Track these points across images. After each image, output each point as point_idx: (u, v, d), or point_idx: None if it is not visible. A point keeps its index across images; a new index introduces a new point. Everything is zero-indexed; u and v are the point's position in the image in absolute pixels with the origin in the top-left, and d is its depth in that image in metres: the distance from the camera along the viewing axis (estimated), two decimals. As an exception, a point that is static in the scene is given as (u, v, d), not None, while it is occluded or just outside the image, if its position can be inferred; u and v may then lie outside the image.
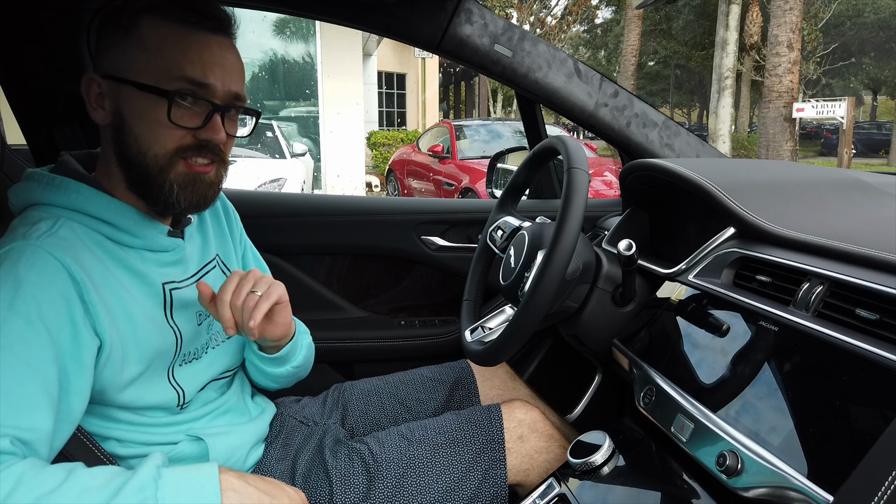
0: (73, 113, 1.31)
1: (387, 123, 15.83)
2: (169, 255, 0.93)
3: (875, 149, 21.38)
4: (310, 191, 7.93)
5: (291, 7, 1.38)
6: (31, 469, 0.68)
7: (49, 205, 0.86)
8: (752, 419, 0.77)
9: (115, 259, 0.86)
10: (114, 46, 0.85)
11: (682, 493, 0.88)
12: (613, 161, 7.30)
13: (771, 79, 10.74)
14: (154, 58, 0.83)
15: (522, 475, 1.09)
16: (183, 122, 0.84)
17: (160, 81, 0.83)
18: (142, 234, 0.89)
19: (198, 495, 0.73)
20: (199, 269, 1.00)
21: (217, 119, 0.86)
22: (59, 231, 0.82)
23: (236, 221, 1.14)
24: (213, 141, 0.86)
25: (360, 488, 1.02)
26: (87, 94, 0.87)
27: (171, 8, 0.84)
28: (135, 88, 0.83)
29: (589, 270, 1.08)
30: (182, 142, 0.85)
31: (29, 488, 0.66)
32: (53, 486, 0.67)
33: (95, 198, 0.86)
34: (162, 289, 0.91)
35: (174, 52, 0.83)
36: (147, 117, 0.83)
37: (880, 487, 0.57)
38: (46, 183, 0.86)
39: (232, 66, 0.87)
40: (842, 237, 0.83)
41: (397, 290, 1.75)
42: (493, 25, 1.33)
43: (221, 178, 0.92)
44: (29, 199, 0.87)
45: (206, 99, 0.85)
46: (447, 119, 16.56)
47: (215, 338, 1.02)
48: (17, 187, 0.89)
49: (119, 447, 0.87)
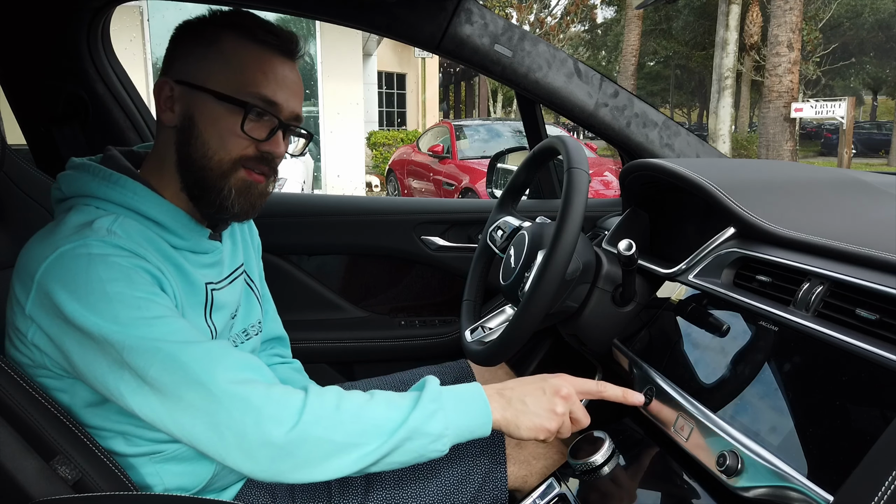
0: (73, 113, 1.31)
1: (387, 123, 15.83)
2: (208, 258, 0.96)
3: (875, 149, 21.38)
4: (310, 191, 7.93)
5: (291, 7, 1.38)
6: (339, 390, 0.82)
7: (103, 199, 0.86)
8: (752, 419, 0.77)
9: (166, 257, 0.88)
10: (192, 55, 0.90)
11: (682, 493, 0.88)
12: (613, 161, 7.30)
13: (771, 79, 10.74)
14: (234, 72, 0.88)
15: (521, 481, 1.09)
16: (252, 134, 0.88)
17: (236, 93, 0.87)
18: (188, 236, 0.91)
19: (471, 404, 0.85)
20: (231, 272, 1.02)
21: (280, 134, 0.91)
22: (118, 229, 0.83)
23: (258, 239, 1.18)
24: (273, 154, 0.91)
25: (358, 491, 1.02)
26: (157, 95, 0.91)
27: (255, 29, 0.89)
28: (212, 97, 0.87)
29: (589, 270, 1.08)
30: (245, 152, 0.89)
31: (350, 399, 0.80)
32: (366, 399, 0.81)
33: (149, 198, 0.88)
34: (205, 288, 0.93)
35: (252, 70, 0.88)
36: (219, 124, 0.87)
37: (880, 487, 0.57)
38: (103, 178, 0.87)
39: (296, 87, 0.93)
40: (842, 237, 0.83)
41: (397, 290, 1.76)
42: (493, 25, 1.33)
43: (270, 191, 0.96)
44: (81, 191, 0.87)
45: (273, 115, 0.89)
46: (447, 119, 16.55)
47: (233, 340, 1.03)
48: (70, 176, 0.89)
49: (125, 444, 0.87)
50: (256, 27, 0.90)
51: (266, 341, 1.22)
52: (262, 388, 0.76)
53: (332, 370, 1.66)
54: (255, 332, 1.09)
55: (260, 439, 0.74)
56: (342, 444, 0.77)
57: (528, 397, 0.88)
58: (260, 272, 1.17)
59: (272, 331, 1.23)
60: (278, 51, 0.90)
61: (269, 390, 0.76)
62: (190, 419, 0.75)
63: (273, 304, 1.24)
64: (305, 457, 0.75)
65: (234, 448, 0.75)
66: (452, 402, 0.84)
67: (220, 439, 0.75)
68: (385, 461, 0.80)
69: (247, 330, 1.06)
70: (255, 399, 0.75)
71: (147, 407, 0.76)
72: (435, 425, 0.81)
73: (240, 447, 0.74)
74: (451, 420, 0.83)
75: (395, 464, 0.81)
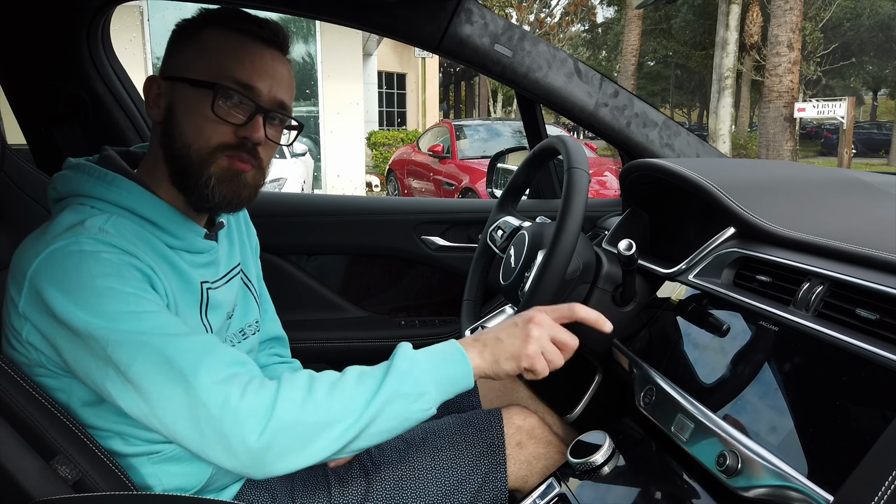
0: (73, 113, 1.31)
1: (387, 123, 15.82)
2: (204, 257, 0.96)
3: (875, 149, 21.36)
4: (310, 191, 7.93)
5: (291, 7, 1.38)
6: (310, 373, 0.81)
7: (98, 199, 0.86)
8: (752, 419, 0.77)
9: (161, 256, 0.88)
10: (177, 52, 0.91)
11: (682, 493, 0.88)
12: (613, 161, 7.30)
13: (771, 79, 10.74)
14: (210, 59, 0.88)
15: (521, 482, 1.09)
16: (225, 117, 0.87)
17: (211, 79, 0.87)
18: (183, 236, 0.91)
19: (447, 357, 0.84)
20: (227, 272, 1.02)
21: (259, 120, 0.89)
22: (111, 228, 0.83)
23: (256, 239, 1.17)
24: (252, 139, 0.89)
25: (358, 490, 1.02)
26: (147, 93, 0.92)
27: (236, 20, 0.90)
28: (187, 85, 0.88)
29: (589, 270, 1.08)
30: (224, 139, 0.88)
31: (320, 379, 0.80)
32: (337, 376, 0.81)
33: (144, 198, 0.88)
34: (200, 287, 0.93)
35: (228, 56, 0.88)
36: (195, 111, 0.87)
37: (880, 487, 0.57)
38: (98, 177, 0.88)
39: (281, 76, 0.92)
40: (842, 237, 0.83)
41: (397, 290, 1.76)
42: (493, 25, 1.33)
43: (259, 183, 0.95)
44: (77, 190, 0.88)
45: (250, 99, 0.88)
46: (447, 119, 16.56)
47: (230, 340, 1.03)
48: (66, 176, 0.89)
49: (123, 444, 0.87)
50: (239, 19, 0.90)
51: (265, 341, 1.22)
52: (241, 384, 0.76)
53: (332, 370, 1.66)
54: (253, 332, 1.09)
55: (239, 436, 0.73)
56: (319, 423, 0.76)
57: (501, 333, 0.87)
58: (258, 272, 1.17)
59: (271, 331, 1.23)
60: (260, 40, 0.90)
61: (247, 387, 0.76)
62: (172, 415, 0.75)
63: (272, 304, 1.24)
64: (285, 445, 0.75)
65: (216, 444, 0.74)
66: (426, 359, 0.83)
67: (201, 436, 0.74)
68: (369, 432, 0.78)
69: (244, 330, 1.06)
70: (234, 397, 0.74)
71: (133, 403, 0.76)
72: (412, 384, 0.80)
73: (221, 444, 0.74)
74: (428, 375, 0.81)
75: (383, 432, 0.79)
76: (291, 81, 0.95)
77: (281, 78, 0.92)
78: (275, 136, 0.94)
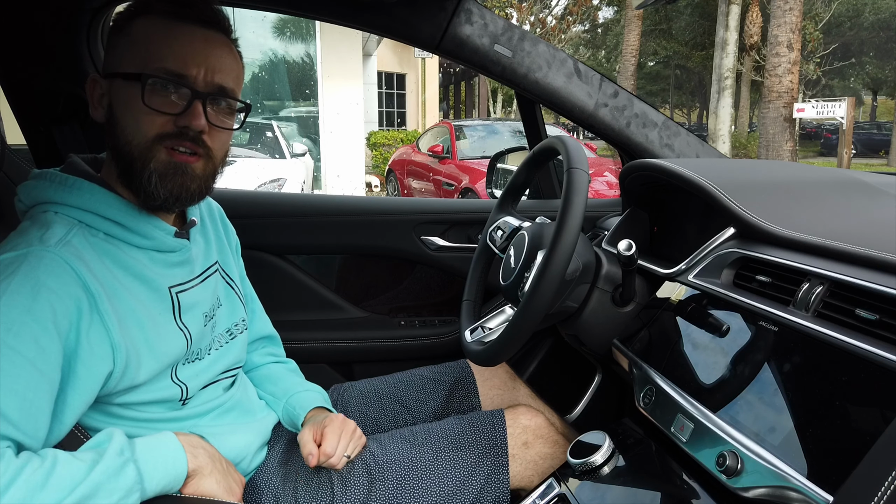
0: (73, 113, 1.31)
1: (387, 123, 15.83)
2: (176, 256, 0.94)
3: (875, 149, 21.37)
4: (310, 191, 7.93)
5: (291, 7, 1.38)
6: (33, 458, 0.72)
7: (61, 204, 0.86)
8: (752, 419, 0.77)
9: (124, 268, 0.87)
10: (112, 48, 0.90)
11: (682, 493, 0.88)
12: (613, 161, 7.30)
13: (771, 79, 10.74)
14: (138, 50, 0.86)
15: (527, 481, 1.09)
16: (160, 107, 0.84)
17: (139, 70, 0.85)
18: (150, 235, 0.90)
19: (166, 451, 0.84)
20: (203, 271, 1.01)
21: (198, 106, 0.86)
22: (73, 240, 0.82)
23: (235, 238, 1.16)
24: (192, 127, 0.86)
25: (361, 490, 1.02)
26: (90, 94, 0.90)
27: (159, 4, 0.87)
28: (121, 79, 0.86)
29: (589, 270, 1.08)
30: (163, 129, 0.85)
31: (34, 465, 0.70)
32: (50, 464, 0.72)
33: (106, 198, 0.87)
34: (169, 293, 0.92)
35: (157, 44, 0.86)
36: (130, 106, 0.85)
37: (880, 487, 0.57)
38: (59, 183, 0.87)
39: (218, 59, 0.88)
40: (842, 237, 0.83)
41: (397, 291, 1.75)
42: (493, 25, 1.33)
43: (211, 175, 0.92)
44: (40, 198, 0.87)
45: (185, 86, 0.86)
46: (447, 119, 16.56)
47: (219, 340, 1.02)
48: (29, 185, 0.89)
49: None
50: (166, 2, 0.87)
51: (256, 340, 1.22)
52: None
53: (332, 370, 1.66)
54: (240, 331, 1.08)
55: None
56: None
57: None
58: (241, 271, 1.16)
59: (260, 330, 1.22)
60: (190, 21, 0.87)
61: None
62: None
63: (259, 302, 1.23)
64: None
65: None
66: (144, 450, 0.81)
67: None
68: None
69: (230, 329, 1.05)
70: None
71: None
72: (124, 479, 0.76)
73: None
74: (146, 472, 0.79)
75: None
76: (234, 62, 0.91)
77: (218, 61, 0.88)
78: (222, 122, 0.90)
